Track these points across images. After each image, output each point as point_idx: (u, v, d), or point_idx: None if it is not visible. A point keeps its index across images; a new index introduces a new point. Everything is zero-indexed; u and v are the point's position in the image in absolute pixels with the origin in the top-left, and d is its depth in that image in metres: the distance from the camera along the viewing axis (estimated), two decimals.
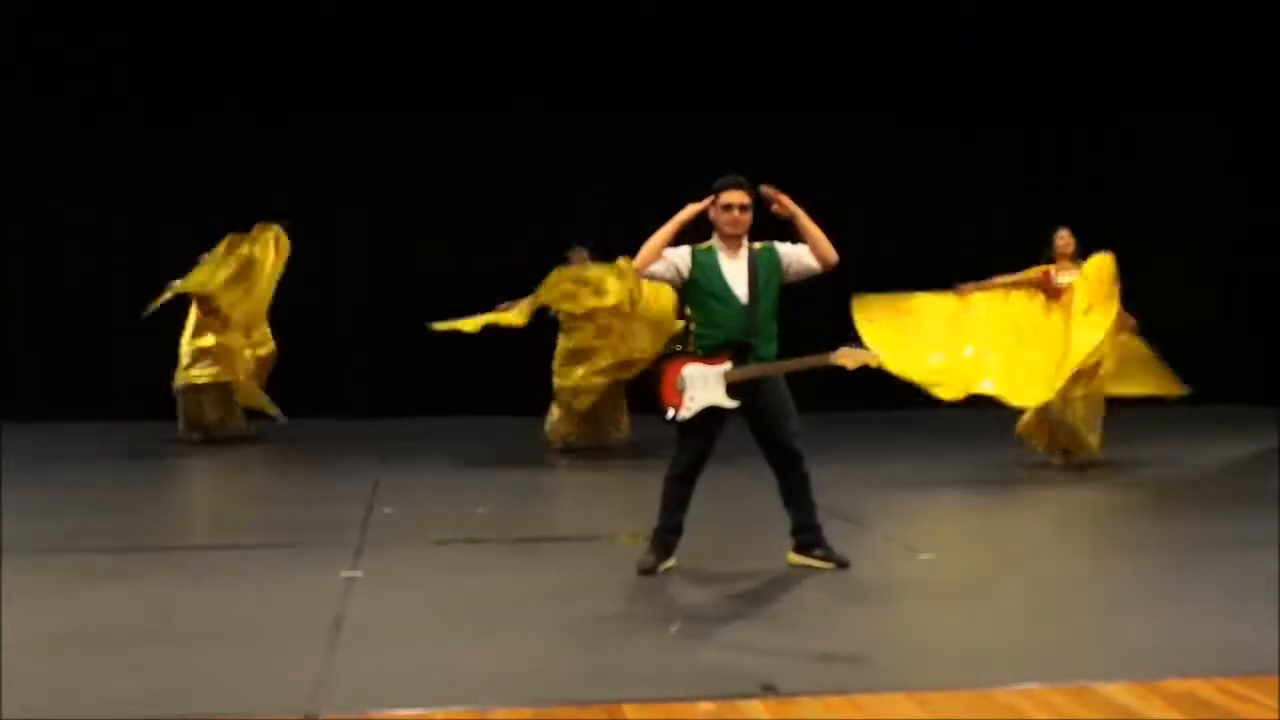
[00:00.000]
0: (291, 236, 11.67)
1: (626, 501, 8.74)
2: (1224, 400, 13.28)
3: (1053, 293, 9.68)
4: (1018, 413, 9.75)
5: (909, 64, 13.84)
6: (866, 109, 13.89)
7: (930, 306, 9.68)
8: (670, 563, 6.44)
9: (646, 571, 6.34)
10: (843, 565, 6.44)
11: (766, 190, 6.37)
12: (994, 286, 9.82)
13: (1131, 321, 9.93)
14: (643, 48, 13.50)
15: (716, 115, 13.72)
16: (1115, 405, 9.88)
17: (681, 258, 6.38)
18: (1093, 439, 9.68)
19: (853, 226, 13.44)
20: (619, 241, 11.84)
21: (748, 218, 6.35)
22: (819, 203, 6.57)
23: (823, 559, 6.47)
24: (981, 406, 9.77)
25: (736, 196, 6.34)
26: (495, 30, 13.60)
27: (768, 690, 4.48)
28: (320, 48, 13.43)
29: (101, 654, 5.10)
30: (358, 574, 6.37)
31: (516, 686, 4.62)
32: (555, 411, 10.85)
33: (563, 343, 10.77)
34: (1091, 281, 9.43)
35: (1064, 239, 9.84)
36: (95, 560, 6.83)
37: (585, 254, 10.83)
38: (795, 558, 6.54)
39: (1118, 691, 4.44)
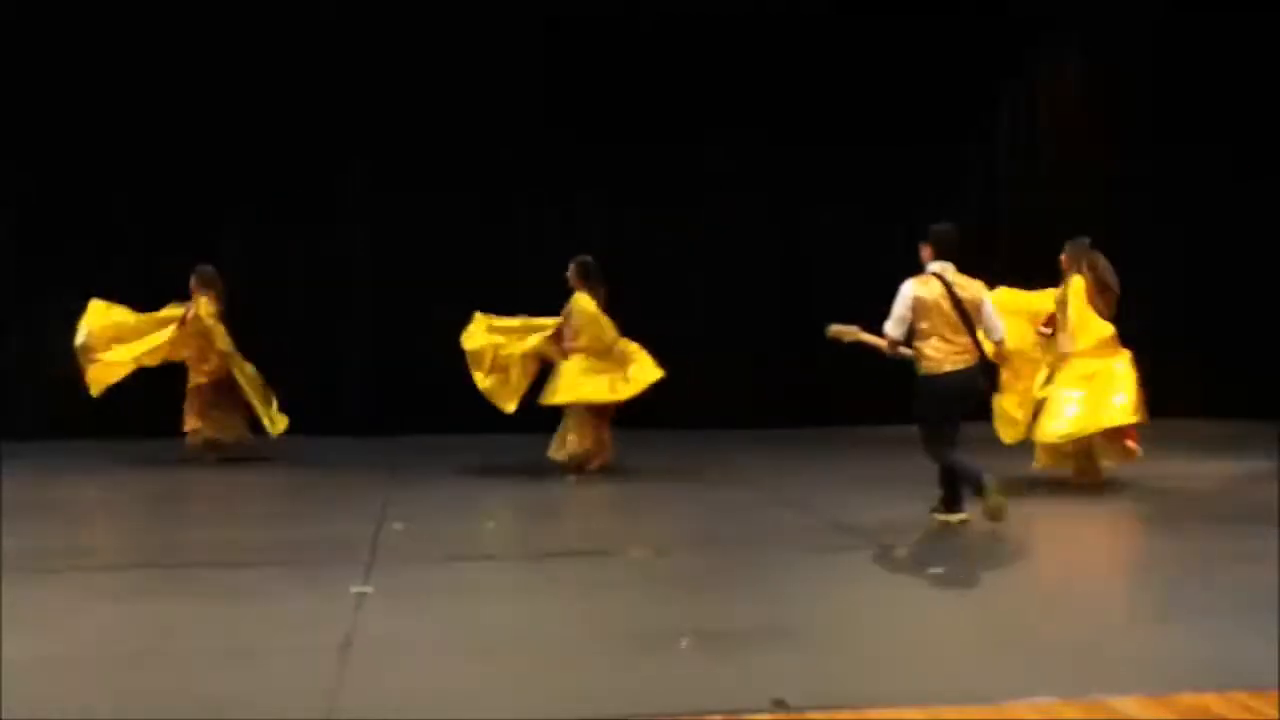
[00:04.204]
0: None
1: (635, 517, 8.75)
2: (1224, 415, 13.27)
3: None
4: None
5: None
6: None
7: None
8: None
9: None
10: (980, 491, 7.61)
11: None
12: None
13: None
14: (642, 78, 13.63)
15: (724, 145, 13.89)
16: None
17: None
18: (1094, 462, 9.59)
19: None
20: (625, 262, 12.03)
21: None
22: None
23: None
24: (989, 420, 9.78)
25: None
26: (501, 52, 13.71)
27: (778, 705, 4.47)
28: (325, 63, 13.50)
29: (108, 673, 5.08)
30: (368, 589, 6.37)
31: (526, 701, 4.62)
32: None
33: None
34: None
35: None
36: (100, 579, 6.81)
37: (588, 262, 10.76)
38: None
39: (1129, 705, 4.43)
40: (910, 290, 7.76)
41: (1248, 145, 14.12)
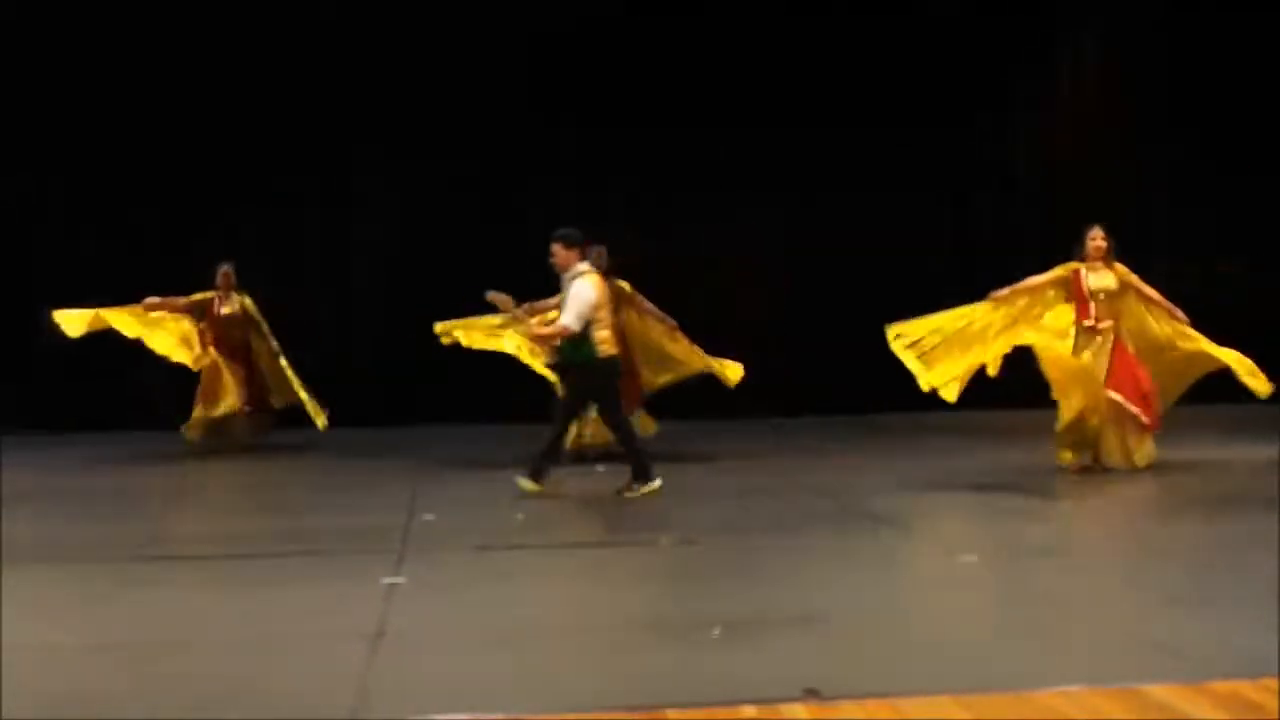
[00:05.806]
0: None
1: (662, 506, 8.76)
2: (1251, 399, 13.20)
3: (1080, 296, 9.55)
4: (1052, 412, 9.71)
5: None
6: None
7: (961, 318, 9.50)
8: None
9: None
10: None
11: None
12: (1025, 290, 9.58)
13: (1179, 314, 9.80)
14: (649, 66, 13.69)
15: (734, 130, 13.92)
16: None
17: None
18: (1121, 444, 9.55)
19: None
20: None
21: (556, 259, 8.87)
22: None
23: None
24: (1013, 407, 9.74)
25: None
26: (517, 49, 13.76)
27: (810, 694, 4.49)
28: (335, 58, 13.55)
29: (139, 662, 5.11)
30: (400, 580, 6.41)
31: (558, 691, 4.65)
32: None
33: None
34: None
35: (1096, 238, 9.59)
36: (130, 568, 6.86)
37: (603, 252, 10.86)
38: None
39: (1161, 693, 4.43)
40: (593, 291, 8.74)
41: (1256, 137, 14.16)
